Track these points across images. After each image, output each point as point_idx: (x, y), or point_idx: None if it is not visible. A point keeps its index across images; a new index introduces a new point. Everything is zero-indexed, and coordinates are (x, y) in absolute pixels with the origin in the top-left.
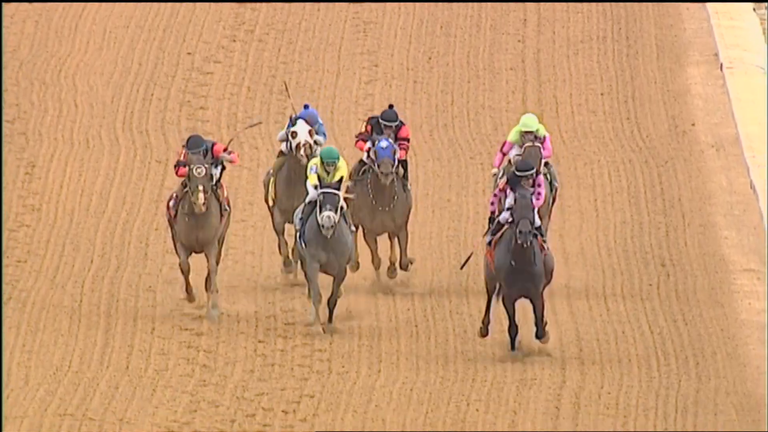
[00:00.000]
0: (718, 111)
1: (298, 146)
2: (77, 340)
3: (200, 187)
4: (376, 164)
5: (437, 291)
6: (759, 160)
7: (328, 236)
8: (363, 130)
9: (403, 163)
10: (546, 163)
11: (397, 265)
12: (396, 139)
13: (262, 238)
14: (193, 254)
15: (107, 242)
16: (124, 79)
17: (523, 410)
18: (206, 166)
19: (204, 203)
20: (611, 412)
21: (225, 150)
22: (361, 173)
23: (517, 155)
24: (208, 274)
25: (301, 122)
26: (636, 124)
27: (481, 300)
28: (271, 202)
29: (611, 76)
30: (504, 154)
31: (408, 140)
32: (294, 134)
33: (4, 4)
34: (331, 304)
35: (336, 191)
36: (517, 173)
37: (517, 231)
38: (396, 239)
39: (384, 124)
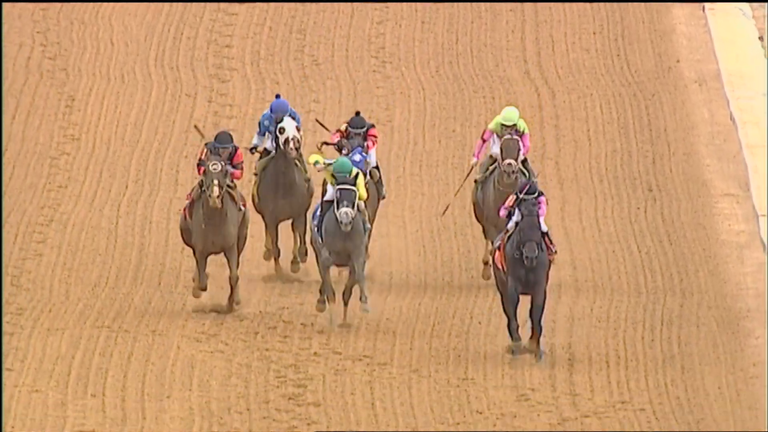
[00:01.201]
0: (701, 49)
1: (286, 141)
2: (113, 259)
3: (215, 182)
4: None
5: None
6: (738, 93)
7: (347, 231)
8: (342, 129)
9: (376, 168)
10: (524, 159)
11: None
12: (365, 138)
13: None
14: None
15: (141, 169)
16: (156, 19)
17: (521, 323)
18: (222, 163)
19: (219, 196)
20: (602, 325)
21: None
22: None
23: (496, 152)
24: (231, 292)
25: (288, 119)
26: (625, 60)
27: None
28: (256, 201)
29: (602, 16)
30: (484, 141)
31: (375, 136)
32: (282, 130)
33: (3, 3)
34: (349, 291)
35: (353, 187)
36: (521, 196)
37: (524, 257)
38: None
39: (352, 131)
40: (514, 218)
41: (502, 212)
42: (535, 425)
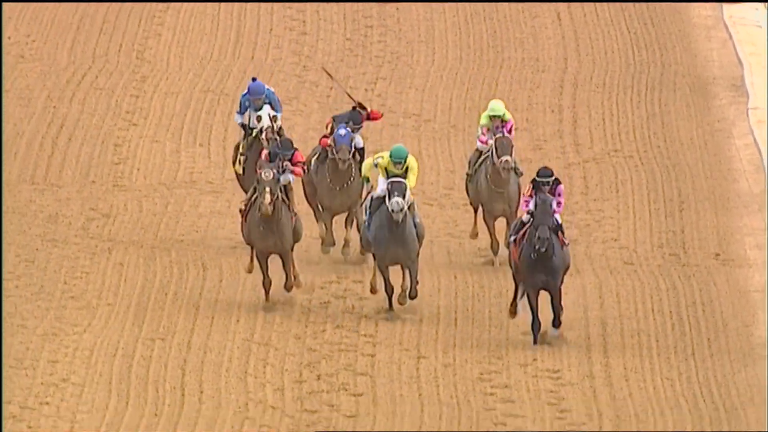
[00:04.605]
0: None
1: (261, 130)
2: (216, 38)
3: (267, 189)
4: (334, 150)
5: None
6: None
7: (399, 220)
8: (327, 131)
9: (360, 150)
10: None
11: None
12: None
13: None
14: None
15: None
16: None
17: (535, 86)
18: (274, 171)
19: (270, 203)
20: (599, 90)
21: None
22: (323, 158)
23: (489, 149)
24: (287, 278)
25: (266, 108)
26: None
27: None
28: (241, 178)
29: None
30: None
31: (360, 126)
32: (259, 118)
33: (3, 3)
34: (412, 293)
35: (403, 180)
36: (538, 179)
37: (536, 237)
38: (350, 218)
39: (353, 127)
40: (530, 206)
41: (523, 207)
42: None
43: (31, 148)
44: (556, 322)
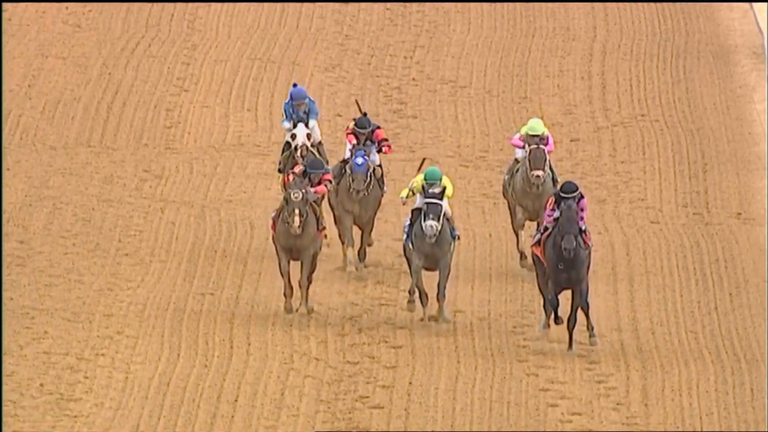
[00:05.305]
0: None
1: (296, 148)
2: (264, 8)
3: (296, 211)
4: (350, 177)
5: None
6: None
7: (431, 242)
8: (349, 129)
9: (378, 166)
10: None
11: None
12: (372, 141)
13: None
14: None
15: None
16: None
17: (566, 54)
18: (303, 191)
19: (299, 226)
20: (627, 57)
21: (330, 181)
22: (342, 172)
23: (525, 157)
24: (301, 277)
25: (300, 126)
26: None
27: None
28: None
29: None
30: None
31: (386, 140)
32: (293, 136)
33: (3, 3)
34: (440, 296)
35: (439, 201)
36: (562, 194)
37: (563, 247)
38: (363, 230)
39: (357, 131)
40: (554, 214)
41: (547, 219)
42: (577, 131)
43: (87, 112)
44: (589, 327)
